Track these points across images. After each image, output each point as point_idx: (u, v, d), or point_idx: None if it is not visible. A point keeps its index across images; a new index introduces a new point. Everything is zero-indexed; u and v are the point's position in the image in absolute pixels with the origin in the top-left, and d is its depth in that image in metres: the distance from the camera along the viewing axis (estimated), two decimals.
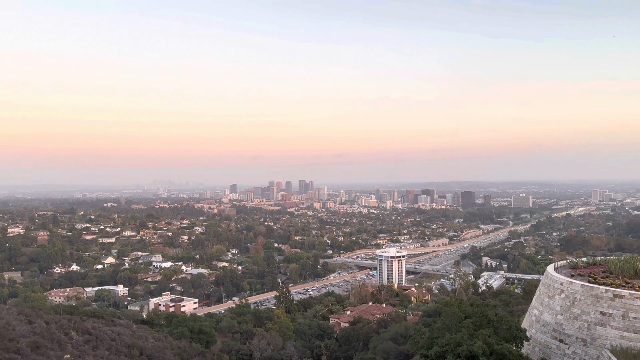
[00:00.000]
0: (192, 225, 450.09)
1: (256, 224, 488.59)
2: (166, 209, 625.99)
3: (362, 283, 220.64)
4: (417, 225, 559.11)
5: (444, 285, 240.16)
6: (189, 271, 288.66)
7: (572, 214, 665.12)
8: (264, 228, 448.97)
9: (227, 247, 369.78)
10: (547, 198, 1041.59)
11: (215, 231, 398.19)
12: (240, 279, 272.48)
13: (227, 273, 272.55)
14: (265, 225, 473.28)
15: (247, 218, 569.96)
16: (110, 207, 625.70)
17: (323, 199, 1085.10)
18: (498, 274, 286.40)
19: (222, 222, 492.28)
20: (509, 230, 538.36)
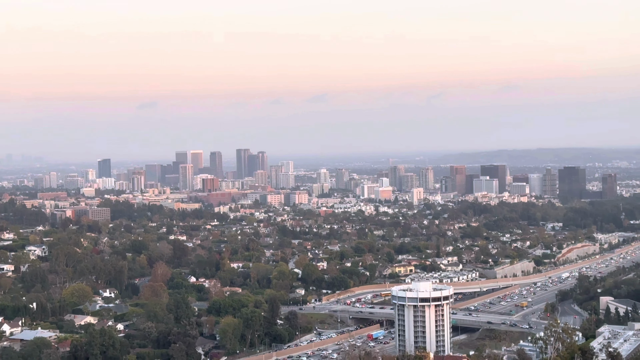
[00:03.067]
0: (20, 243, 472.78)
1: (153, 238, 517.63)
2: None
3: (367, 352, 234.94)
4: (473, 236, 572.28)
5: (524, 353, 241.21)
6: (16, 335, 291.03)
7: None
8: (169, 247, 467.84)
9: (95, 285, 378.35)
10: None
11: (70, 255, 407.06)
12: (121, 350, 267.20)
13: (94, 338, 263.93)
14: (171, 242, 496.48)
15: (134, 227, 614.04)
16: None
17: (287, 186, 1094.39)
18: (631, 328, 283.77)
19: (83, 236, 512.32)
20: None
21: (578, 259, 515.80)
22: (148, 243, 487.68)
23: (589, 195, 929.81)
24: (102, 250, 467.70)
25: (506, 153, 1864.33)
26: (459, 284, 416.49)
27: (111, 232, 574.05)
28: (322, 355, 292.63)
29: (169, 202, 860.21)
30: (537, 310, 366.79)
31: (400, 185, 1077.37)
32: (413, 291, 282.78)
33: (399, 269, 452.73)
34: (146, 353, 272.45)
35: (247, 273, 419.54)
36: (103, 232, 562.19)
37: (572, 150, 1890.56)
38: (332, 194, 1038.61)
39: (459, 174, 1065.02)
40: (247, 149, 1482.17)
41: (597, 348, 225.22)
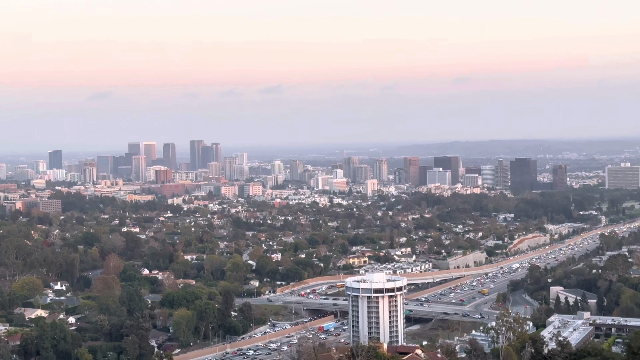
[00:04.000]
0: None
1: (105, 230, 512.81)
2: None
3: (320, 343, 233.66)
4: (426, 227, 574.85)
5: (477, 343, 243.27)
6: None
7: None
8: (121, 239, 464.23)
9: (46, 278, 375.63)
10: None
11: (20, 247, 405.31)
12: (73, 343, 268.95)
13: (45, 331, 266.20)
14: (123, 234, 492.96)
15: (86, 219, 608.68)
16: None
17: (241, 177, 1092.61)
18: (580, 318, 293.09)
19: (33, 228, 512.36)
20: (600, 232, 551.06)
21: (529, 250, 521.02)
22: (100, 235, 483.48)
23: (539, 186, 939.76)
24: (53, 242, 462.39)
25: (459, 145, 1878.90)
26: (413, 274, 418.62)
27: (62, 225, 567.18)
28: (270, 348, 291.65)
29: (121, 193, 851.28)
30: (489, 300, 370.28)
31: (355, 176, 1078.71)
32: (367, 282, 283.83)
33: (353, 260, 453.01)
34: (98, 346, 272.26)
35: (201, 265, 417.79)
36: (54, 225, 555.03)
37: (523, 142, 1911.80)
38: (286, 185, 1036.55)
39: (413, 166, 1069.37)
40: (200, 141, 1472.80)
41: (548, 337, 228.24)
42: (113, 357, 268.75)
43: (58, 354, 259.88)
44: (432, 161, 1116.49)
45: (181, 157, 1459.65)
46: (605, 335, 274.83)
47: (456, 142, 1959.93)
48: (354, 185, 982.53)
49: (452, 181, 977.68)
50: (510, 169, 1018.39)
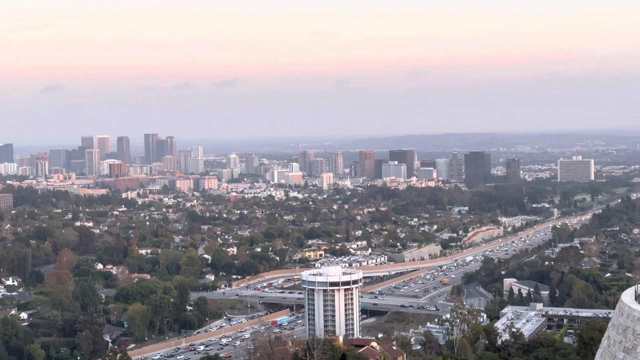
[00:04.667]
0: None
1: (58, 224, 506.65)
2: None
3: (276, 337, 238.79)
4: (382, 220, 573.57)
5: (431, 335, 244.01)
6: None
7: None
8: (75, 233, 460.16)
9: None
10: (622, 164, 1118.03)
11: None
12: (25, 339, 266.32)
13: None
14: (77, 228, 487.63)
15: (39, 213, 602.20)
16: None
17: (196, 171, 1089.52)
18: (533, 309, 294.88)
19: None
20: (552, 225, 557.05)
21: (483, 242, 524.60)
22: (53, 230, 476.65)
23: (493, 179, 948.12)
24: (4, 237, 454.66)
25: (414, 138, 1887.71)
26: (368, 267, 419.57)
27: (14, 219, 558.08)
28: (222, 343, 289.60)
29: (74, 187, 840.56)
30: (444, 292, 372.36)
31: (310, 170, 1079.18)
32: (323, 276, 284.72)
33: (308, 253, 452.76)
34: (51, 342, 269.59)
35: (156, 259, 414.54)
36: (5, 219, 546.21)
37: (477, 135, 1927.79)
38: (242, 179, 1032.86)
39: (368, 159, 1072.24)
40: (155, 134, 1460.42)
41: (501, 328, 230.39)
42: (66, 352, 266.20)
43: (10, 350, 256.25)
44: (388, 155, 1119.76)
45: (135, 151, 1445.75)
46: (558, 326, 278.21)
47: (411, 135, 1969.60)
48: (310, 178, 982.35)
49: (407, 174, 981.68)
50: (464, 162, 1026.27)
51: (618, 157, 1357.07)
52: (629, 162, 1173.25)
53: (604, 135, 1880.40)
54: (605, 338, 47.61)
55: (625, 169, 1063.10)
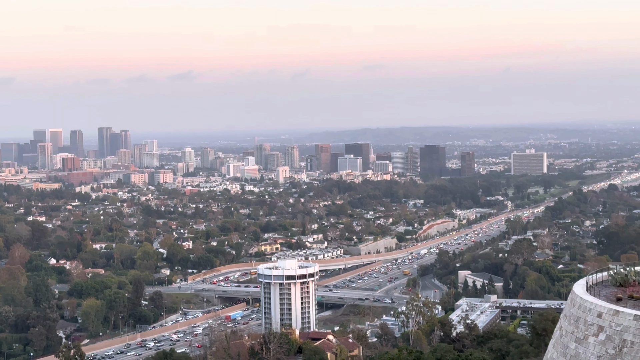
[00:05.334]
0: None
1: (10, 219, 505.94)
2: None
3: (232, 331, 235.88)
4: (338, 214, 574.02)
5: (387, 327, 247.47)
6: None
7: (618, 186, 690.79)
8: (27, 228, 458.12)
9: None
10: (574, 157, 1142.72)
11: None
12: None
13: None
14: (29, 223, 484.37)
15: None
16: None
17: (151, 165, 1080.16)
18: (487, 301, 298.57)
19: None
20: (506, 217, 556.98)
21: (438, 235, 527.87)
22: (4, 224, 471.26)
23: (448, 172, 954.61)
24: None
25: (370, 132, 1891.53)
26: (325, 261, 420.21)
27: None
28: (172, 339, 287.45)
29: (26, 182, 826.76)
30: (400, 285, 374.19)
31: (266, 163, 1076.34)
32: (279, 269, 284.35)
33: (265, 247, 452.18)
34: (3, 338, 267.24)
35: (110, 254, 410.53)
36: None
37: (432, 128, 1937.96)
38: (197, 172, 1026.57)
39: (324, 153, 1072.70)
40: (109, 128, 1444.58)
41: (456, 320, 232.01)
42: (19, 349, 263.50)
43: None
44: (343, 148, 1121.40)
45: (89, 145, 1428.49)
46: (511, 318, 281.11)
47: (367, 129, 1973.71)
48: (266, 172, 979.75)
49: (363, 168, 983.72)
50: (419, 155, 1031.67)
51: (570, 150, 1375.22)
52: (580, 155, 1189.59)
53: (557, 129, 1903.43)
54: (557, 329, 47.48)
55: (577, 162, 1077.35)
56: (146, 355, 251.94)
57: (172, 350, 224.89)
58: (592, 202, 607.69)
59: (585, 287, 47.93)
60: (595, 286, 48.32)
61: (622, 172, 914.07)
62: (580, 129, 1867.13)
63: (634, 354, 40.22)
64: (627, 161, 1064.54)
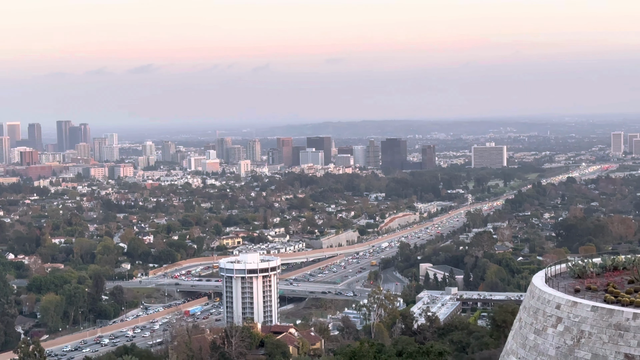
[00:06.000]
0: None
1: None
2: None
3: (194, 325, 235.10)
4: (300, 207, 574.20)
5: (349, 320, 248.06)
6: None
7: (577, 178, 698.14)
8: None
9: None
10: (533, 150, 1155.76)
11: None
12: None
13: None
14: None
15: None
16: None
17: (111, 159, 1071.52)
18: (448, 293, 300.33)
19: None
20: (466, 210, 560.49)
21: (399, 228, 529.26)
22: None
23: (409, 166, 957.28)
24: None
25: (331, 125, 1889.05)
26: (286, 254, 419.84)
27: None
28: (128, 335, 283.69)
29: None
30: (361, 278, 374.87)
31: (228, 157, 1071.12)
32: (241, 263, 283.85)
33: (226, 241, 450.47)
34: None
35: (70, 248, 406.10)
36: None
37: (394, 122, 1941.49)
38: (158, 166, 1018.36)
39: (286, 146, 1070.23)
40: (68, 121, 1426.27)
41: (417, 313, 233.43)
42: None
43: None
44: (305, 142, 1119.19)
45: (47, 138, 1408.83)
46: (472, 310, 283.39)
47: (328, 122, 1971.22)
48: (227, 166, 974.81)
49: (324, 161, 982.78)
50: (381, 149, 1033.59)
51: (530, 143, 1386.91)
52: (540, 149, 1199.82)
53: (516, 122, 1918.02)
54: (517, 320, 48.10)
55: (536, 155, 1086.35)
56: (103, 351, 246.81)
57: (133, 345, 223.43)
58: (551, 195, 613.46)
59: (544, 279, 48.44)
60: (553, 278, 48.89)
61: (580, 165, 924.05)
62: (540, 123, 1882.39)
63: (592, 344, 40.87)
64: (585, 154, 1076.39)
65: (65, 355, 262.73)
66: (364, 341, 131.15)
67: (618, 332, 40.16)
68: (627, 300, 41.80)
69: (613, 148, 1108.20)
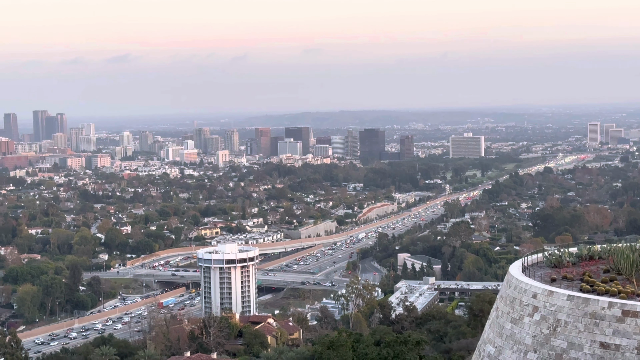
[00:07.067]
0: None
1: None
2: None
3: (171, 315, 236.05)
4: (278, 197, 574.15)
5: (327, 310, 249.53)
6: None
7: (553, 169, 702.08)
8: None
9: None
10: (510, 140, 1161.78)
11: None
12: None
13: None
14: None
15: None
16: None
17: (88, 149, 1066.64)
18: (425, 283, 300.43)
19: None
20: (444, 200, 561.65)
21: (378, 218, 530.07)
22: None
23: (388, 156, 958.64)
24: None
25: (309, 115, 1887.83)
26: (265, 244, 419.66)
27: None
28: (97, 329, 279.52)
29: None
30: (339, 268, 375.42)
31: (206, 147, 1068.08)
32: (219, 253, 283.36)
33: (205, 231, 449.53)
34: None
35: (47, 239, 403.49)
36: None
37: (372, 112, 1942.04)
38: (135, 156, 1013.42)
39: (264, 136, 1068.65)
40: (44, 111, 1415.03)
41: (395, 302, 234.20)
42: None
43: None
44: (284, 132, 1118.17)
45: (24, 128, 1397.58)
46: (449, 299, 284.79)
47: (307, 112, 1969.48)
48: (205, 156, 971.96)
49: (303, 152, 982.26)
50: (359, 139, 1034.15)
51: (507, 133, 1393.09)
52: (517, 139, 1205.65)
53: (494, 113, 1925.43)
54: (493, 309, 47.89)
55: (513, 145, 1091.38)
56: (74, 344, 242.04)
57: (111, 335, 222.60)
58: (528, 185, 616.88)
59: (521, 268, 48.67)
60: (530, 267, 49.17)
61: (557, 156, 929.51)
62: (517, 113, 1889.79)
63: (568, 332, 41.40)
64: (561, 144, 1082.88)
65: (37, 346, 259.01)
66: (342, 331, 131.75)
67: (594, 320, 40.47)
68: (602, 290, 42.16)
69: (590, 138, 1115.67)
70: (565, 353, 40.70)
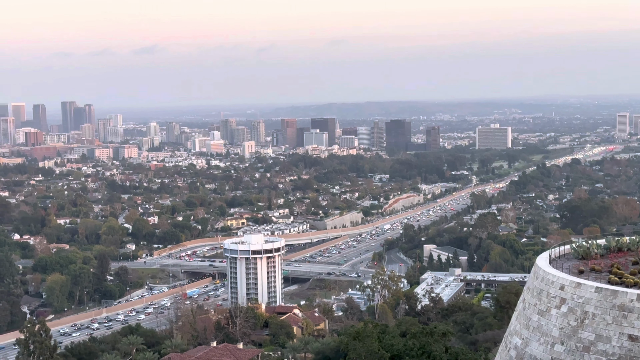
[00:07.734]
0: None
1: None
2: None
3: (197, 305, 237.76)
4: (304, 188, 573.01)
5: (353, 301, 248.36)
6: None
7: (581, 160, 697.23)
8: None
9: None
10: (537, 131, 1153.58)
11: None
12: None
13: None
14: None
15: None
16: None
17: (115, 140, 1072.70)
18: (452, 274, 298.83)
19: None
20: (471, 192, 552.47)
21: (404, 209, 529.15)
22: None
23: (414, 147, 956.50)
24: None
25: (335, 106, 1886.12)
26: (291, 235, 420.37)
27: None
28: (118, 320, 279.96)
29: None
30: (365, 259, 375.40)
31: (232, 138, 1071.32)
32: (245, 244, 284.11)
33: (231, 222, 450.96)
34: None
35: (75, 229, 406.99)
36: None
37: (398, 103, 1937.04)
38: (162, 147, 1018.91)
39: (290, 127, 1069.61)
40: (72, 102, 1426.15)
41: (421, 294, 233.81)
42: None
43: None
44: (309, 123, 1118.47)
45: (52, 119, 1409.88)
46: (475, 291, 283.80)
47: (332, 103, 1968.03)
48: (232, 147, 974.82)
49: (329, 142, 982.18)
50: (385, 130, 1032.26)
51: (534, 124, 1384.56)
52: (544, 130, 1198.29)
53: (521, 104, 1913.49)
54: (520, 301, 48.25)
55: (541, 136, 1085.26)
56: (97, 334, 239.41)
57: (138, 324, 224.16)
58: (556, 177, 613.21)
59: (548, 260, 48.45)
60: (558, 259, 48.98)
61: (585, 147, 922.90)
62: (544, 104, 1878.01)
63: (595, 325, 40.96)
64: (589, 135, 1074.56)
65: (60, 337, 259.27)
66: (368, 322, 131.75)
67: (622, 313, 40.15)
68: (631, 282, 41.80)
69: (618, 129, 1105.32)
70: (593, 345, 40.72)
